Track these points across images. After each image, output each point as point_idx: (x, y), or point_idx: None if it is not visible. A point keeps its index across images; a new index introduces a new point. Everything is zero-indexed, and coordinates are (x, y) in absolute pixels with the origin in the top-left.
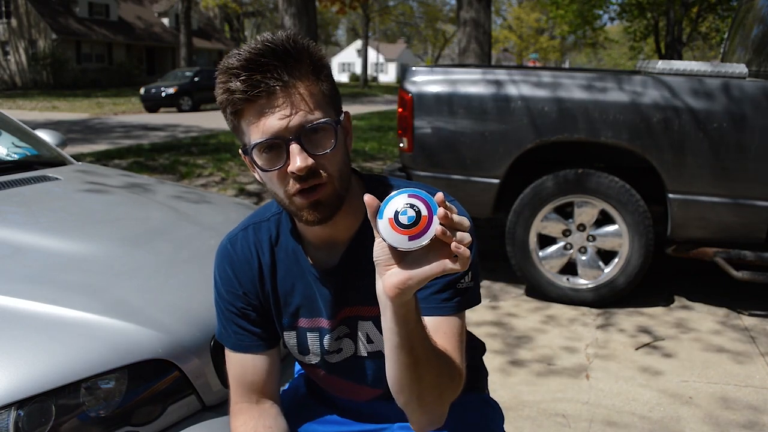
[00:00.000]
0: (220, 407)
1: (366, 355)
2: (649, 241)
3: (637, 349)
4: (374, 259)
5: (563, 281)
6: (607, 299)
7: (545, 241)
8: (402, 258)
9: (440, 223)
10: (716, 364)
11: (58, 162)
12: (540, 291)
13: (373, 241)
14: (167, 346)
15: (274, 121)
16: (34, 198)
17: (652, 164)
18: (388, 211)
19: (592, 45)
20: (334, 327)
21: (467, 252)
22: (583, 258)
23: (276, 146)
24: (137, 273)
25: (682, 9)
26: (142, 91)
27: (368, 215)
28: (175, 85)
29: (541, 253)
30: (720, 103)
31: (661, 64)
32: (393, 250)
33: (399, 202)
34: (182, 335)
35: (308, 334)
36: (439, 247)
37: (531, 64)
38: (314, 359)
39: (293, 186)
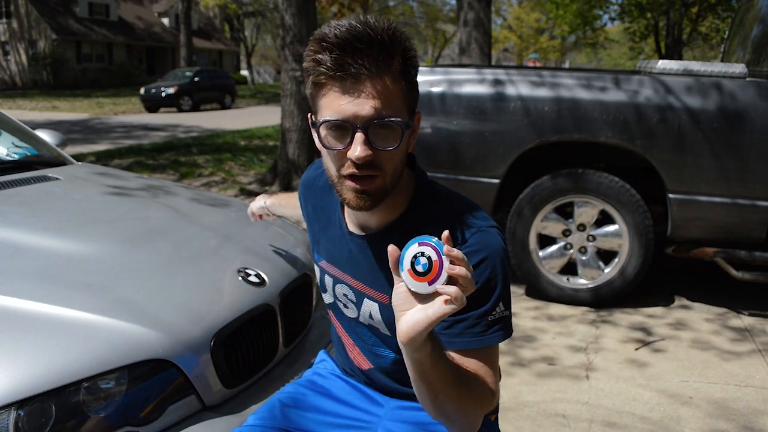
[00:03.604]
0: (220, 407)
1: (366, 324)
2: (649, 241)
3: (637, 349)
4: (393, 304)
5: (563, 281)
6: (607, 299)
7: (545, 241)
8: (422, 299)
9: (450, 262)
10: (716, 364)
11: (59, 162)
12: (540, 291)
13: (404, 239)
14: (167, 346)
15: (349, 106)
16: (34, 198)
17: (652, 164)
18: (406, 262)
19: (592, 45)
20: (343, 282)
21: (458, 293)
22: (583, 258)
23: (343, 128)
24: (137, 273)
25: (682, 9)
26: (142, 91)
27: (390, 265)
28: (175, 85)
29: (541, 253)
30: (720, 103)
31: (662, 64)
32: (416, 295)
33: (412, 252)
34: (182, 335)
35: (326, 276)
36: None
37: (531, 64)
38: (329, 299)
39: (347, 168)
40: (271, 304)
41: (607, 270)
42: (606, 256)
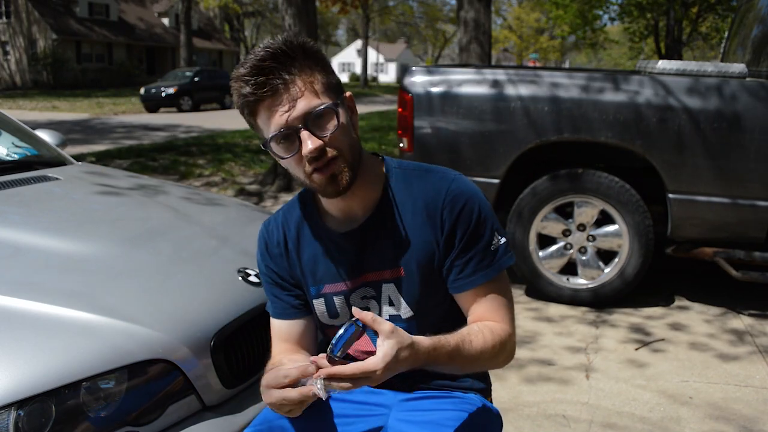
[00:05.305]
0: (220, 407)
1: (387, 318)
2: (649, 241)
3: (637, 349)
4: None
5: (563, 281)
6: (607, 299)
7: (545, 241)
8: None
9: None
10: (716, 364)
11: (58, 162)
12: (540, 291)
13: (391, 211)
14: (167, 346)
15: (282, 115)
16: (34, 198)
17: (652, 164)
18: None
19: (592, 45)
20: (357, 287)
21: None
22: (583, 258)
23: (289, 135)
24: (137, 273)
25: (682, 9)
26: (142, 91)
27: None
28: (175, 85)
29: (541, 253)
30: (720, 103)
31: (662, 64)
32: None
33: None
34: (182, 335)
35: (334, 298)
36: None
37: (531, 64)
38: (344, 320)
39: (309, 166)
40: None
41: (607, 270)
42: (606, 256)
